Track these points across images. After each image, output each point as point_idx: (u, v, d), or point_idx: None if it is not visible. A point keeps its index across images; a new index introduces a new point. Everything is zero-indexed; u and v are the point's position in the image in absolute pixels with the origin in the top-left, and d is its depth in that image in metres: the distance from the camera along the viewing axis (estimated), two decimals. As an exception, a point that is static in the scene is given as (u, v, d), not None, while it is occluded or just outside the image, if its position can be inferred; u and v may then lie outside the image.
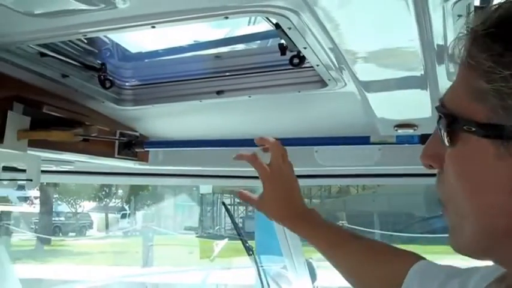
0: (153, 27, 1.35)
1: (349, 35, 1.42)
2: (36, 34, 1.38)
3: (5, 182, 2.16)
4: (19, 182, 2.19)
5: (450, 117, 0.74)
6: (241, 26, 2.18)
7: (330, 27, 1.39)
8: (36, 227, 22.33)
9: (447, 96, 0.79)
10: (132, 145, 2.29)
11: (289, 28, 1.40)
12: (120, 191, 27.38)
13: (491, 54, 0.67)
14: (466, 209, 0.74)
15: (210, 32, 2.16)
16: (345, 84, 1.77)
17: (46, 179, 2.49)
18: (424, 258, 1.28)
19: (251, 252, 3.78)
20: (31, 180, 2.08)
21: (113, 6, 1.21)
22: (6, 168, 2.16)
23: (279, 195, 1.54)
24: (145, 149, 2.38)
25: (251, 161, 1.56)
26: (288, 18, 1.34)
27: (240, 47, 2.27)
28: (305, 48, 1.53)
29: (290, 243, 3.22)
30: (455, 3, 1.18)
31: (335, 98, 1.92)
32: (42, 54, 1.62)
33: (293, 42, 1.51)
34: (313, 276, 3.53)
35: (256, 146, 1.68)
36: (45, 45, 1.60)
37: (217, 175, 2.93)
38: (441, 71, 1.59)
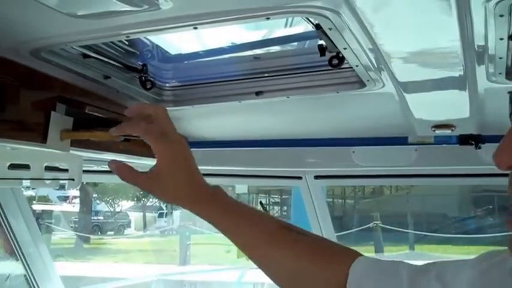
0: (195, 28, 1.37)
1: (390, 35, 1.42)
2: (79, 35, 1.41)
3: (47, 181, 2.21)
4: (61, 182, 2.24)
5: None
6: (278, 28, 2.19)
7: (370, 27, 1.38)
8: (76, 225, 22.70)
9: None
10: (172, 145, 2.31)
11: (330, 29, 1.40)
12: (156, 191, 27.58)
13: None
14: None
15: (247, 34, 2.17)
16: (384, 84, 1.76)
17: (87, 178, 2.53)
18: (361, 255, 1.25)
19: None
20: (73, 179, 2.12)
21: (156, 7, 1.22)
22: (48, 168, 2.21)
23: (175, 168, 1.28)
24: (184, 149, 2.40)
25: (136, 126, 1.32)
26: (329, 19, 1.34)
27: (277, 48, 2.28)
28: (345, 48, 1.53)
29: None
30: (497, 3, 1.17)
31: (373, 99, 1.91)
32: (85, 56, 1.66)
33: (333, 43, 1.51)
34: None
35: (294, 146, 1.68)
36: (88, 47, 1.63)
37: (254, 175, 2.94)
38: (481, 71, 1.57)
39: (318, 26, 1.45)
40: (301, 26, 2.13)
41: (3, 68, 1.50)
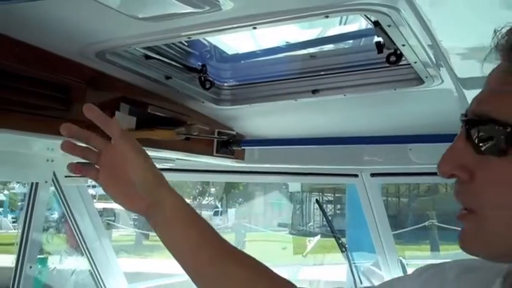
0: (254, 28, 1.39)
1: (449, 31, 1.40)
2: (142, 37, 1.45)
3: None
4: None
5: (509, 128, 0.73)
6: (334, 25, 2.19)
7: (430, 23, 1.38)
8: (136, 223, 23.12)
9: (494, 103, 0.77)
10: (230, 143, 2.36)
11: (389, 25, 1.40)
12: (212, 189, 27.90)
13: None
14: None
15: (303, 32, 2.19)
16: (442, 81, 1.75)
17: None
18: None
19: (344, 249, 3.77)
20: (135, 177, 2.18)
21: (217, 8, 1.25)
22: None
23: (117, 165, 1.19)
24: (242, 147, 2.44)
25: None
26: (387, 16, 1.34)
27: (333, 46, 2.29)
28: (403, 45, 1.52)
29: (383, 240, 3.19)
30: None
31: (431, 95, 1.89)
32: (147, 57, 1.71)
33: (391, 40, 1.51)
34: (405, 274, 3.48)
35: (350, 144, 1.67)
36: (149, 48, 1.68)
37: (309, 173, 2.95)
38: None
39: (376, 23, 1.45)
40: (357, 23, 2.13)
41: (70, 70, 1.56)
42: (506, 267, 0.88)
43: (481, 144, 0.76)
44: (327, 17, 1.38)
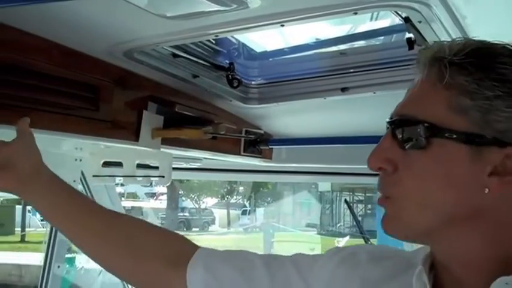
0: (282, 25, 1.37)
1: (482, 26, 1.37)
2: (170, 36, 1.45)
3: (139, 178, 2.29)
4: (152, 179, 2.32)
5: (427, 125, 0.87)
6: (364, 22, 2.16)
7: (462, 19, 1.35)
8: (163, 221, 23.29)
9: (414, 106, 0.91)
10: (257, 143, 2.34)
11: (420, 22, 1.37)
12: (241, 188, 27.96)
13: (474, 78, 0.84)
14: (432, 201, 0.87)
15: (332, 29, 2.16)
16: (475, 77, 1.71)
17: (176, 175, 2.61)
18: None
19: (373, 250, 3.73)
20: (163, 176, 2.19)
21: (245, 6, 1.24)
22: (140, 166, 2.29)
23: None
24: (270, 147, 2.42)
25: None
26: (418, 12, 1.31)
27: (363, 43, 2.25)
28: (435, 42, 1.49)
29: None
30: None
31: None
32: (175, 55, 1.70)
33: (423, 36, 1.48)
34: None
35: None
36: (177, 47, 1.67)
37: (339, 172, 2.92)
38: None
39: (406, 19, 1.42)
40: (387, 20, 2.09)
41: (98, 69, 1.56)
42: (420, 256, 0.99)
43: (404, 141, 0.89)
44: (356, 13, 1.35)
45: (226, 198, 29.16)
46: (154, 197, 27.73)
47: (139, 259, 1.21)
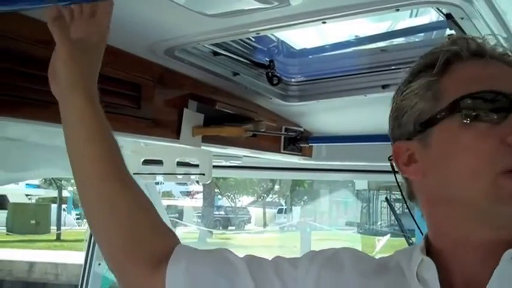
0: (324, 22, 1.37)
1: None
2: (211, 34, 1.46)
3: (179, 176, 2.31)
4: (192, 177, 2.33)
5: None
6: (403, 18, 2.13)
7: (504, 15, 1.33)
8: (199, 220, 23.47)
9: None
10: (297, 140, 2.33)
11: (462, 18, 1.35)
12: (276, 187, 27.98)
13: None
14: None
15: (371, 26, 2.14)
16: (521, 74, 1.67)
17: (216, 173, 2.62)
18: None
19: (413, 249, 3.68)
20: (203, 174, 2.20)
21: (286, 3, 1.23)
22: (180, 163, 2.30)
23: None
24: (310, 144, 2.41)
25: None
26: (461, 8, 1.29)
27: (403, 40, 2.22)
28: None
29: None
30: None
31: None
32: (215, 53, 1.70)
33: (465, 33, 1.45)
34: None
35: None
36: (217, 44, 1.67)
37: (377, 170, 2.88)
38: None
39: (448, 16, 1.40)
40: (428, 16, 2.06)
41: (139, 68, 1.58)
42: (397, 260, 1.06)
43: None
44: (398, 10, 1.34)
45: (262, 197, 29.20)
46: (190, 196, 27.96)
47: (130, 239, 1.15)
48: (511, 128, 0.89)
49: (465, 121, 0.91)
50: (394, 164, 1.05)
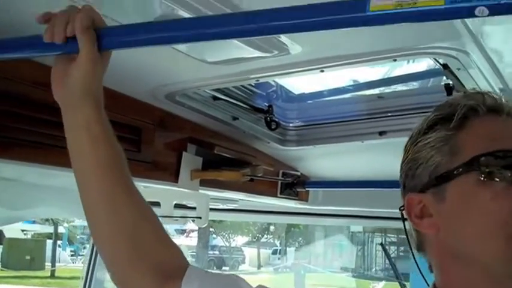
0: (322, 71, 1.39)
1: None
2: (212, 80, 1.48)
3: (176, 219, 2.30)
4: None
5: None
6: (400, 65, 2.17)
7: (501, 67, 1.35)
8: (193, 259, 23.22)
9: None
10: (294, 185, 2.34)
11: (458, 69, 1.38)
12: (271, 227, 27.79)
13: None
14: None
15: (369, 72, 2.17)
16: (515, 125, 1.69)
17: (212, 216, 2.61)
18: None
19: (409, 295, 3.67)
20: (200, 217, 2.20)
21: (286, 52, 1.26)
22: (177, 205, 2.30)
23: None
24: (306, 189, 2.42)
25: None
26: (457, 59, 1.32)
27: (400, 87, 2.26)
28: (474, 89, 1.48)
29: None
30: None
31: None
32: (215, 98, 1.73)
33: (461, 83, 1.48)
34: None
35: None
36: (217, 89, 1.70)
37: (372, 216, 2.89)
38: None
39: (445, 66, 1.43)
40: (425, 63, 2.10)
41: (140, 111, 1.59)
42: None
43: None
44: (395, 60, 1.37)
45: (257, 237, 28.97)
46: (185, 234, 27.72)
47: (137, 253, 1.12)
48: None
49: (482, 179, 0.91)
50: (405, 215, 1.05)
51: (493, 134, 0.94)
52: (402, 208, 1.04)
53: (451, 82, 1.62)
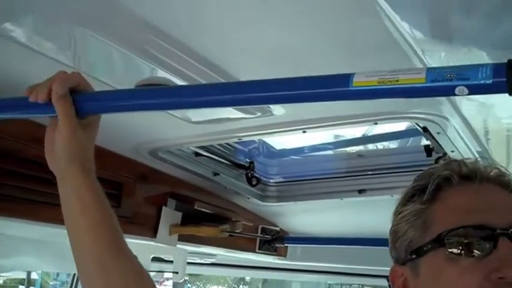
0: (304, 132, 1.41)
1: (498, 139, 1.41)
2: (195, 138, 1.49)
3: (153, 273, 2.27)
4: (166, 275, 2.29)
5: None
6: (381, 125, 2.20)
7: (479, 131, 1.38)
8: (168, 309, 22.76)
9: None
10: (273, 240, 2.33)
11: (438, 133, 1.40)
12: (247, 277, 27.47)
13: None
14: None
15: (349, 130, 2.19)
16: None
17: (190, 270, 2.58)
18: None
19: None
20: (177, 272, 2.17)
21: (269, 113, 1.28)
22: (155, 259, 2.27)
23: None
24: (285, 245, 2.41)
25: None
26: (437, 124, 1.35)
27: (381, 145, 2.29)
28: (453, 151, 1.51)
29: None
30: None
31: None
32: (197, 154, 1.73)
33: (440, 146, 1.50)
34: None
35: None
36: (200, 146, 1.70)
37: (355, 273, 2.87)
38: None
39: (425, 129, 1.45)
40: (404, 123, 2.14)
41: (123, 166, 1.59)
42: None
43: None
44: (376, 123, 1.40)
45: (233, 287, 28.54)
46: (159, 283, 27.21)
47: None
48: (495, 264, 0.87)
49: (449, 255, 0.90)
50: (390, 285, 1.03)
51: (462, 206, 0.94)
52: (387, 278, 1.04)
53: (430, 144, 1.65)
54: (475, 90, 0.67)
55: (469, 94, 0.68)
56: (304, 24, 0.95)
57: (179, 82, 1.12)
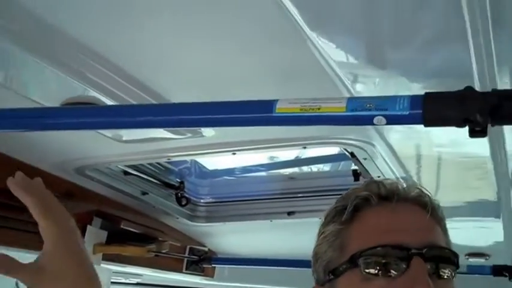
0: (234, 153, 1.41)
1: (425, 165, 1.45)
2: (124, 156, 1.47)
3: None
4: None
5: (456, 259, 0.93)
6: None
7: (403, 157, 1.42)
8: None
9: (442, 239, 0.95)
10: (201, 261, 2.32)
11: (365, 158, 1.44)
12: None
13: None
14: None
15: (281, 153, 2.22)
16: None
17: (114, 290, 2.52)
18: None
19: None
20: (100, 293, 2.12)
21: (199, 135, 1.28)
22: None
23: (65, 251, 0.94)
24: (213, 265, 2.40)
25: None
26: (363, 150, 1.38)
27: (311, 168, 2.32)
28: (379, 176, 1.55)
29: None
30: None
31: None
32: (126, 173, 1.71)
33: (367, 171, 1.54)
34: None
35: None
36: (130, 165, 1.68)
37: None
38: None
39: (352, 154, 1.48)
40: (336, 148, 2.18)
41: (46, 183, 1.54)
42: None
43: (449, 272, 0.90)
44: (305, 147, 1.42)
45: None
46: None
47: None
48: (408, 284, 0.87)
49: (365, 275, 0.89)
50: None
51: (378, 226, 0.93)
52: None
53: (358, 169, 1.68)
54: (393, 120, 0.68)
55: (386, 124, 0.69)
56: (234, 50, 0.96)
57: (109, 102, 1.10)
